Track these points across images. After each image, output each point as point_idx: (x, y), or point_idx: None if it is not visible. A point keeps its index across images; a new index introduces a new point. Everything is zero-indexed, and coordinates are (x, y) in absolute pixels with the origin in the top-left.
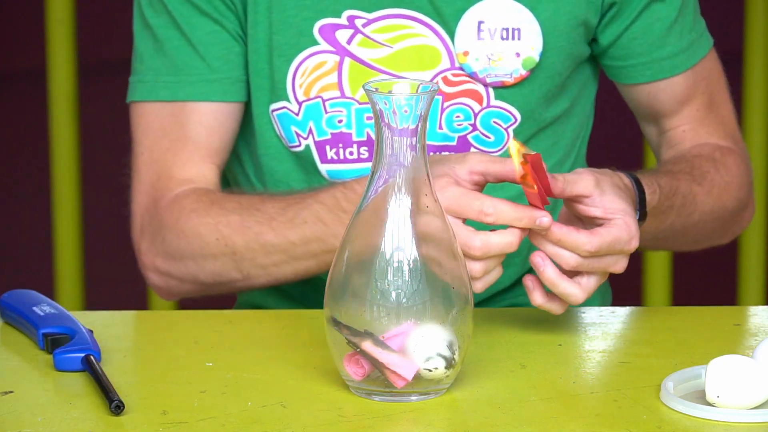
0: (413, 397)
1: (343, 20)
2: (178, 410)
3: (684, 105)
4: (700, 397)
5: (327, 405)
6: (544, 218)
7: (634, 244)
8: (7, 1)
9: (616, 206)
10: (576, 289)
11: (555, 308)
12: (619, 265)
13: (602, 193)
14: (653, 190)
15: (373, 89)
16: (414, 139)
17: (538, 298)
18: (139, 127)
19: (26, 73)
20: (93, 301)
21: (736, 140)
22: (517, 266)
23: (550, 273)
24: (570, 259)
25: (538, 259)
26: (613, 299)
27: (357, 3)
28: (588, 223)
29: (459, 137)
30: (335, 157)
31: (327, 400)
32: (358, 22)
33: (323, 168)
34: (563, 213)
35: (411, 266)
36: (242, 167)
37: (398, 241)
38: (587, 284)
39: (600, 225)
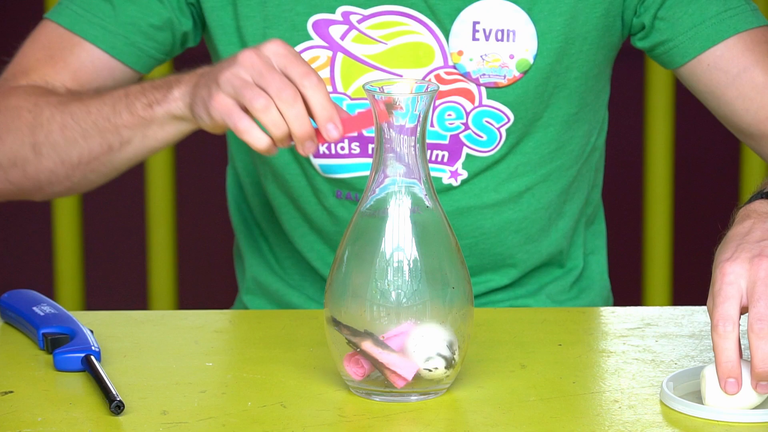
0: (413, 397)
1: (337, 16)
2: (178, 410)
3: (754, 68)
4: (700, 397)
5: (327, 405)
6: (333, 131)
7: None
8: (7, 1)
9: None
10: None
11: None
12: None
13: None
14: None
15: (374, 89)
16: (414, 138)
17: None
18: (30, 38)
19: None
20: (93, 301)
21: None
22: (518, 266)
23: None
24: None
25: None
26: (613, 299)
27: None
28: None
29: (451, 136)
30: (327, 152)
31: (327, 400)
32: (353, 18)
33: (316, 162)
34: None
35: (411, 266)
36: (246, 158)
37: (398, 241)
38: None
39: None
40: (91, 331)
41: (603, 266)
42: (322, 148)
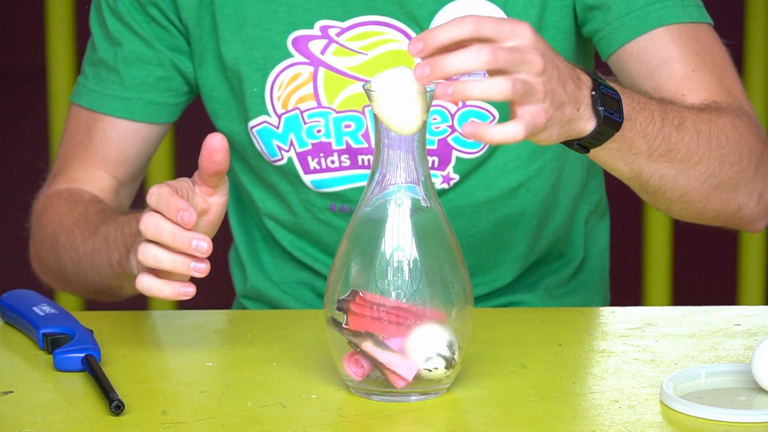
0: (413, 397)
1: (315, 31)
2: (178, 410)
3: (674, 62)
4: (700, 397)
5: (327, 405)
6: (201, 243)
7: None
8: (7, 1)
9: None
10: (514, 126)
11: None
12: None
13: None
14: (618, 86)
15: (372, 90)
16: (413, 138)
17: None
18: (65, 126)
19: (26, 73)
20: (93, 301)
21: (742, 103)
22: (518, 261)
23: (483, 130)
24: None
25: (468, 128)
26: (613, 299)
27: (329, 13)
28: None
29: (439, 140)
30: (318, 167)
31: (327, 400)
32: (332, 32)
33: (307, 179)
34: None
35: (411, 266)
36: (244, 176)
37: (398, 241)
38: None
39: None
40: (91, 331)
41: (605, 260)
42: (313, 163)
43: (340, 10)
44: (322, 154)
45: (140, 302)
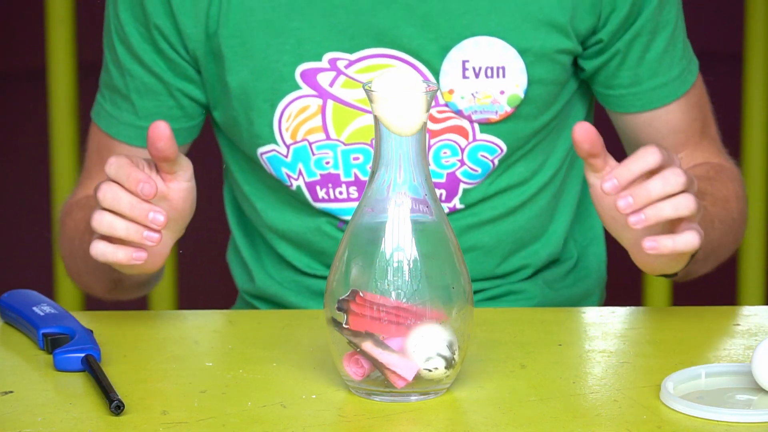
0: (413, 397)
1: (324, 63)
2: (178, 410)
3: (680, 133)
4: (700, 397)
5: (327, 405)
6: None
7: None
8: (7, 1)
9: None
10: (690, 235)
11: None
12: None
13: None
14: None
15: (372, 90)
16: (414, 137)
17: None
18: (89, 139)
19: (26, 73)
20: (93, 301)
21: (726, 157)
22: (517, 273)
23: (665, 242)
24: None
25: (649, 243)
26: (613, 299)
27: (337, 45)
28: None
29: (447, 174)
30: (326, 197)
31: (327, 400)
32: (340, 64)
33: (316, 205)
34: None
35: (411, 266)
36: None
37: (398, 241)
38: (691, 227)
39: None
40: (91, 331)
41: (601, 257)
42: (321, 193)
43: (348, 43)
44: (330, 185)
45: (140, 302)
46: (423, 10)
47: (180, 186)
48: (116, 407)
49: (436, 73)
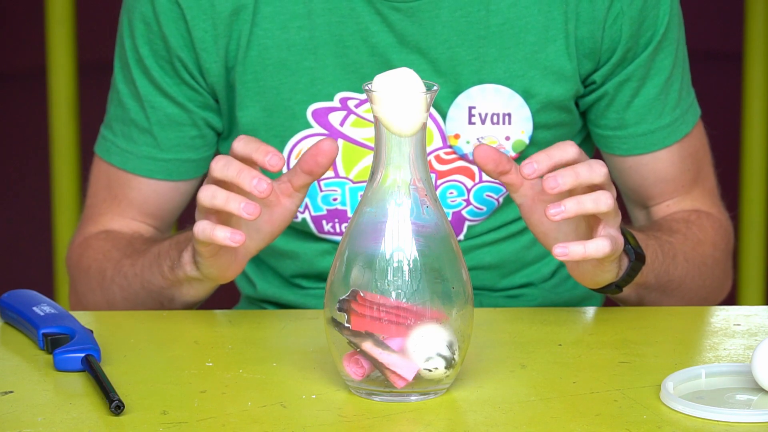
0: (413, 397)
1: (335, 103)
2: (178, 410)
3: (669, 182)
4: (700, 397)
5: (327, 405)
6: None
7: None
8: (7, 1)
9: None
10: (601, 241)
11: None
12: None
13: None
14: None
15: (372, 90)
16: (414, 137)
17: (579, 248)
18: (93, 176)
19: (26, 73)
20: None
21: (718, 209)
22: (515, 287)
23: (576, 248)
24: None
25: (559, 250)
26: (613, 300)
27: (349, 85)
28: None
29: (453, 213)
30: (331, 230)
31: (327, 400)
32: (351, 103)
33: (321, 236)
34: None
35: (411, 266)
36: None
37: (398, 241)
38: (607, 233)
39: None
40: (91, 331)
41: None
42: (327, 227)
43: (360, 83)
44: (336, 220)
45: None
46: (433, 55)
47: (288, 207)
48: (116, 407)
49: (443, 116)
